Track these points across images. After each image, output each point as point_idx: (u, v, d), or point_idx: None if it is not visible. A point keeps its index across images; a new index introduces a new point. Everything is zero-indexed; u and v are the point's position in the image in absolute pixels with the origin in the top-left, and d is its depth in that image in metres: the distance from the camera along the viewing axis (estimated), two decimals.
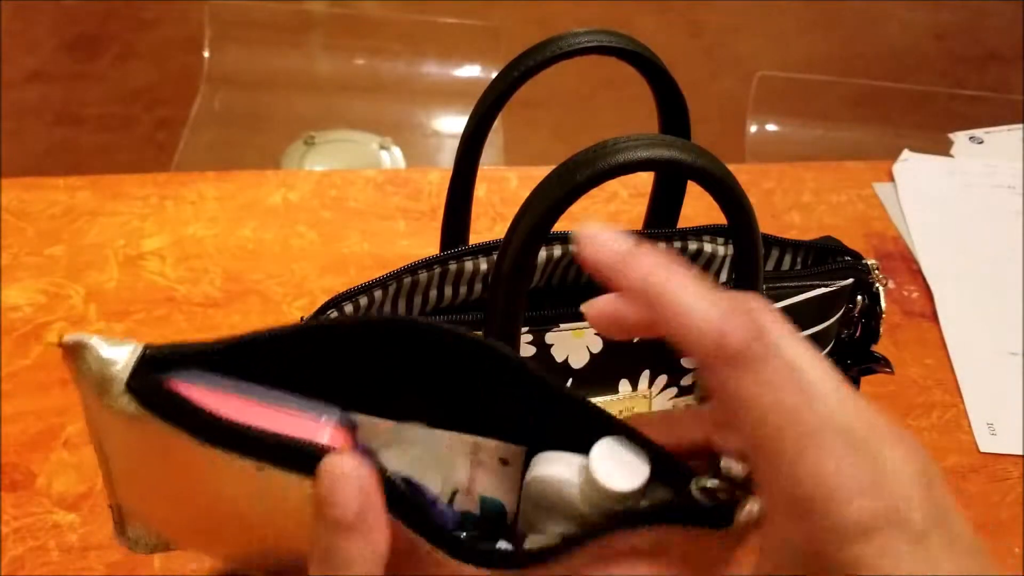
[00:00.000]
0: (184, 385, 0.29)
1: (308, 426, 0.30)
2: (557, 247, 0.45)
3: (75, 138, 1.79)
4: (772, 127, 1.19)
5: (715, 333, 0.25)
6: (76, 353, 0.28)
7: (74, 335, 0.28)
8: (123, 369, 0.28)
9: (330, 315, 0.43)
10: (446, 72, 1.34)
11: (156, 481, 0.31)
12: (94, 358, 0.28)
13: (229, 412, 0.29)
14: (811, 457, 0.24)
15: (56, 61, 1.93)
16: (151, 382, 0.28)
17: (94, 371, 0.28)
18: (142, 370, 0.28)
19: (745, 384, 0.25)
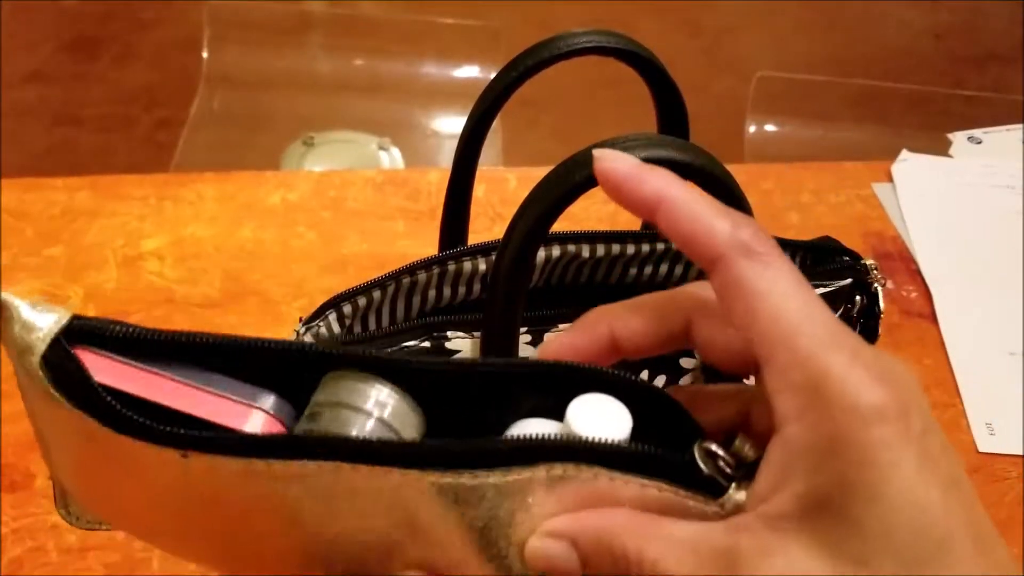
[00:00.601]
0: (96, 360, 0.27)
1: (236, 410, 0.28)
2: (556, 247, 0.45)
3: (74, 138, 1.79)
4: (771, 127, 1.19)
5: (730, 227, 0.26)
6: (3, 313, 0.26)
7: (5, 293, 0.26)
8: (43, 337, 0.26)
9: (328, 316, 0.43)
10: (445, 72, 1.34)
11: (86, 463, 0.29)
12: (18, 322, 0.26)
13: (155, 393, 0.27)
14: (830, 347, 0.24)
15: (55, 62, 1.93)
16: (63, 355, 0.26)
17: (15, 336, 0.26)
18: (60, 343, 0.26)
19: (761, 275, 0.26)
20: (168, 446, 0.26)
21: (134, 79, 1.90)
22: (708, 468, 0.26)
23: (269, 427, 0.28)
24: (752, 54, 2.06)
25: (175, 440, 0.26)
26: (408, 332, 0.41)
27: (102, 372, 0.27)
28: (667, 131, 0.46)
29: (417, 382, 0.28)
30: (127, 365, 0.27)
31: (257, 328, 0.65)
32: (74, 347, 0.27)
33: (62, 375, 0.26)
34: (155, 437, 0.26)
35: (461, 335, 0.42)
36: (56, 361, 0.26)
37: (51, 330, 0.26)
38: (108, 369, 0.27)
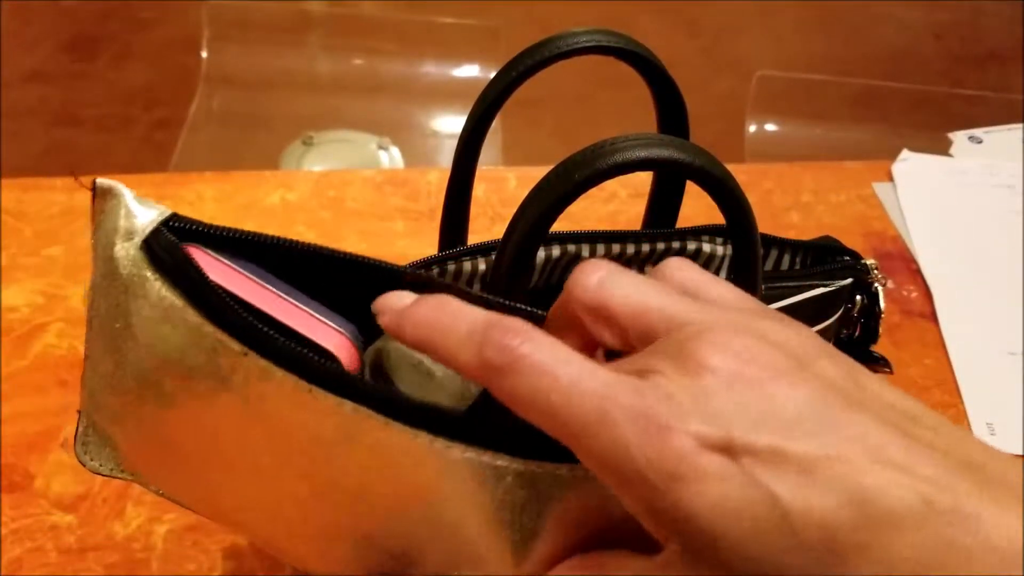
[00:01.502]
0: (203, 257, 0.28)
1: (326, 332, 0.29)
2: (556, 247, 0.45)
3: (73, 138, 1.79)
4: (771, 127, 1.19)
5: (474, 351, 0.25)
6: (104, 197, 0.28)
7: (109, 180, 0.28)
8: (146, 225, 0.27)
9: None
10: (445, 72, 1.34)
11: (137, 379, 0.30)
12: (123, 207, 0.28)
13: (242, 293, 0.28)
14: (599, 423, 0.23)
15: (54, 61, 1.93)
16: (168, 244, 0.27)
17: (119, 221, 0.28)
18: (162, 231, 0.28)
19: (516, 387, 0.25)
20: (235, 337, 0.27)
21: (133, 79, 1.90)
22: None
23: (347, 349, 0.29)
24: (752, 54, 2.06)
25: (244, 332, 0.27)
26: None
27: (201, 263, 0.28)
28: (667, 131, 0.46)
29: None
30: (220, 262, 0.29)
31: None
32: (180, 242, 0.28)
33: (161, 258, 0.27)
34: (229, 323, 0.27)
35: None
36: (156, 245, 0.27)
37: (154, 219, 0.28)
38: (201, 259, 0.28)
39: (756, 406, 0.23)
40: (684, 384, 0.24)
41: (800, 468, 0.22)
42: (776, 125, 1.19)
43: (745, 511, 0.22)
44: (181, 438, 0.31)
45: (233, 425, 0.29)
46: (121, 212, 0.28)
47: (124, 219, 0.28)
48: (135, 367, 0.30)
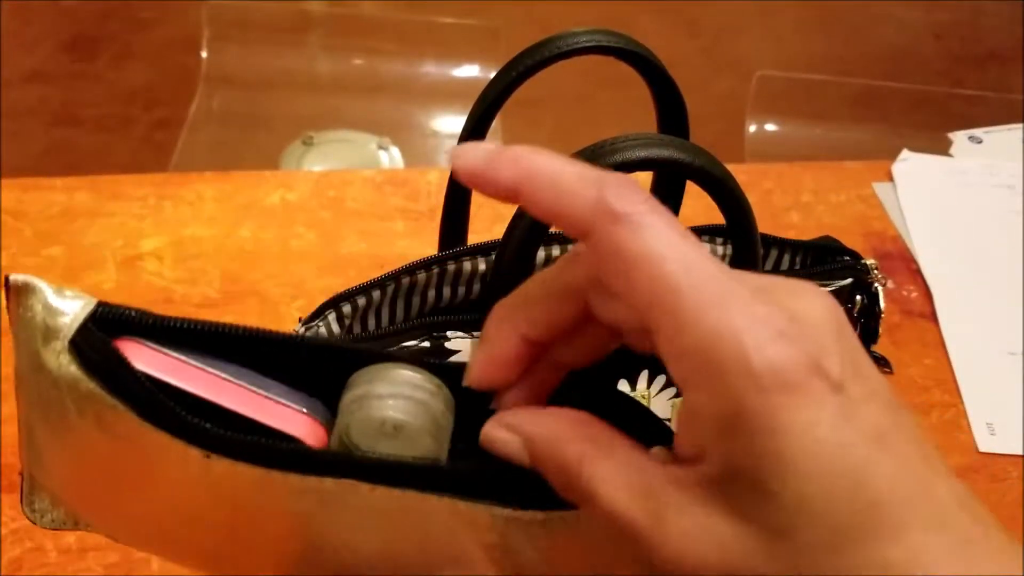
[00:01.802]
0: (136, 349, 0.26)
1: (285, 414, 0.27)
2: (556, 247, 0.45)
3: (73, 138, 1.79)
4: (771, 127, 1.19)
5: (594, 193, 0.24)
6: (22, 295, 0.25)
7: (23, 276, 0.25)
8: (71, 323, 0.25)
9: (328, 316, 0.43)
10: (445, 72, 1.34)
11: (85, 461, 0.28)
12: (41, 304, 0.25)
13: (190, 386, 0.26)
14: (715, 307, 0.22)
15: (54, 61, 1.93)
16: (98, 341, 0.25)
17: (38, 319, 0.25)
18: (90, 328, 0.25)
19: (632, 239, 0.23)
20: (194, 444, 0.25)
21: (133, 79, 1.90)
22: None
23: (311, 429, 0.27)
24: (752, 54, 2.06)
25: (201, 437, 0.25)
26: (408, 332, 0.41)
27: (133, 357, 0.26)
28: (667, 131, 0.46)
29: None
30: (159, 352, 0.27)
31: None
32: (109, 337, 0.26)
33: (91, 359, 0.25)
34: (183, 430, 0.25)
35: (461, 335, 0.42)
36: (85, 345, 0.25)
37: (78, 315, 0.25)
38: (137, 354, 0.26)
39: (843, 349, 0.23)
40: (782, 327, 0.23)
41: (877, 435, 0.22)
42: (776, 125, 1.19)
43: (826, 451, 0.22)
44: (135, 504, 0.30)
45: (197, 502, 0.28)
46: (40, 310, 0.25)
47: (47, 317, 0.25)
48: (81, 453, 0.28)
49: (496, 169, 0.25)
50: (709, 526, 0.23)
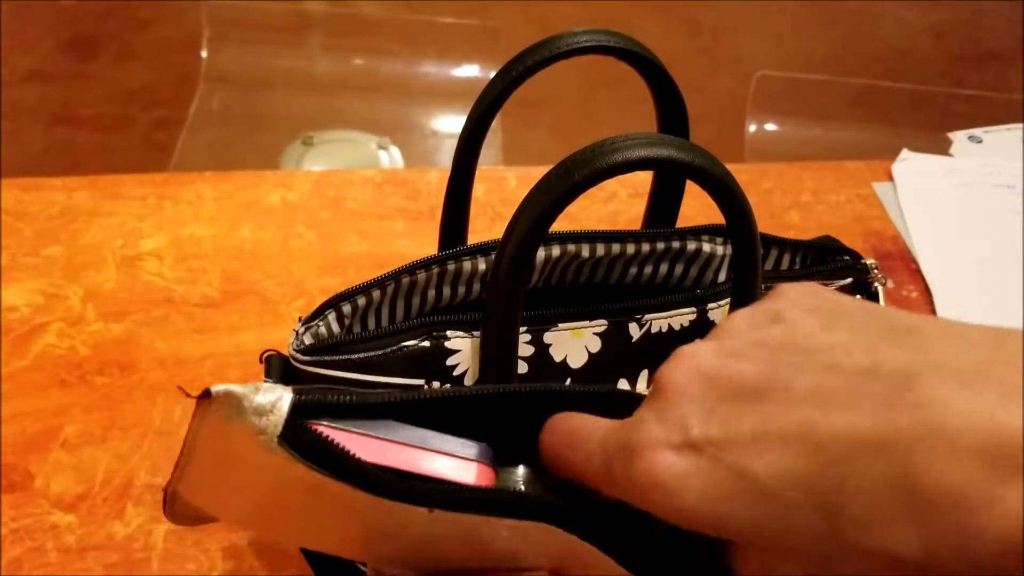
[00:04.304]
0: (335, 432, 0.29)
1: (461, 466, 0.31)
2: (556, 247, 0.45)
3: (73, 138, 1.79)
4: (771, 127, 1.19)
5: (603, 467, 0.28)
6: (222, 403, 0.28)
7: (223, 386, 0.28)
8: (276, 420, 0.28)
9: (328, 316, 0.42)
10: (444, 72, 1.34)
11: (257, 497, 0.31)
12: (244, 408, 0.28)
13: (383, 458, 0.29)
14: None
15: (54, 61, 1.93)
16: (306, 434, 0.28)
17: (243, 420, 0.28)
18: (294, 420, 0.28)
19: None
20: (421, 506, 0.29)
21: (133, 79, 1.90)
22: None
23: (483, 475, 0.31)
24: (752, 53, 2.06)
25: (428, 500, 0.29)
26: (408, 332, 0.41)
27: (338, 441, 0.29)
28: (667, 130, 0.46)
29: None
30: (349, 432, 0.30)
31: (256, 328, 0.65)
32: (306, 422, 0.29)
33: (306, 449, 0.28)
34: (411, 499, 0.29)
35: (461, 335, 0.42)
36: (294, 438, 0.28)
37: (281, 411, 0.28)
38: (339, 438, 0.29)
39: (706, 400, 0.26)
40: (651, 407, 0.27)
41: (754, 437, 0.24)
42: (776, 125, 1.19)
43: (727, 494, 0.24)
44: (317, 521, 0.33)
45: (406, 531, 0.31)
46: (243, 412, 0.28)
47: (253, 419, 0.28)
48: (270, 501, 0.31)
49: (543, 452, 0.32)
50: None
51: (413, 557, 0.33)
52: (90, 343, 0.64)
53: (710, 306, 0.44)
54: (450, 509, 0.29)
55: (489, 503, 0.30)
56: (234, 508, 0.33)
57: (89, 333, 0.65)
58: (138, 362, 0.63)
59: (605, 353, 0.43)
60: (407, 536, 0.31)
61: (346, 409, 0.30)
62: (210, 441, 0.30)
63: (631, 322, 0.43)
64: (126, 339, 0.64)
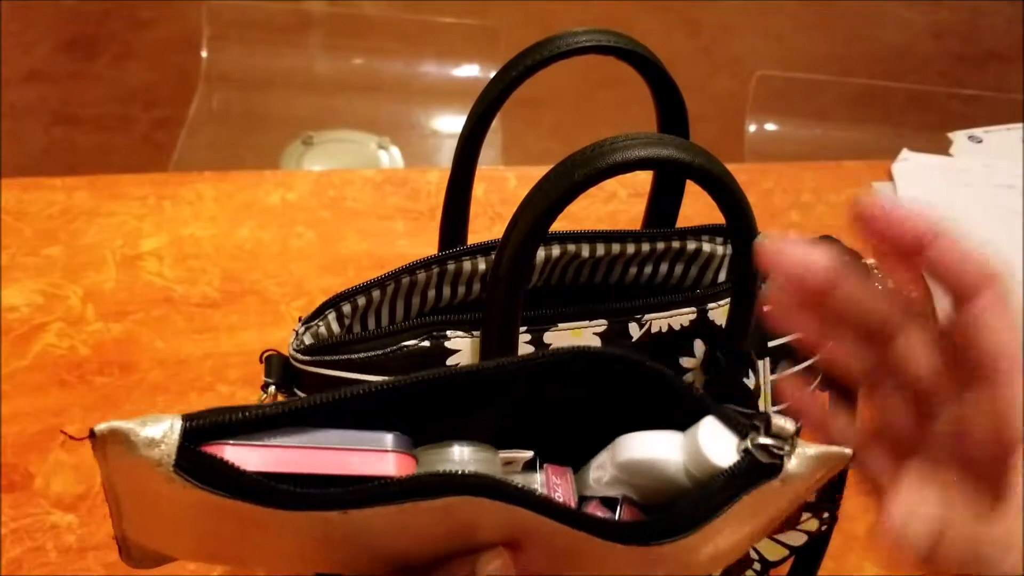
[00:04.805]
0: (223, 450, 0.29)
1: (375, 459, 0.30)
2: (556, 247, 0.44)
3: (73, 138, 1.79)
4: (771, 126, 1.19)
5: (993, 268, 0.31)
6: (111, 440, 0.27)
7: (105, 424, 0.27)
8: (168, 449, 0.27)
9: (328, 316, 0.42)
10: (444, 72, 1.34)
11: (204, 529, 0.31)
12: (133, 443, 0.27)
13: (289, 467, 0.29)
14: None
15: (54, 61, 1.93)
16: (201, 459, 0.28)
17: (136, 455, 0.27)
18: (186, 446, 0.28)
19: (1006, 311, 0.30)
20: (332, 510, 0.28)
21: (133, 78, 1.90)
22: (765, 458, 0.31)
23: (402, 463, 0.31)
24: (752, 53, 2.06)
25: (338, 503, 0.28)
26: (408, 332, 0.41)
27: (236, 459, 0.28)
28: (667, 130, 0.46)
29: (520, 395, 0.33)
30: (241, 446, 0.29)
31: (256, 328, 0.65)
32: (200, 446, 0.28)
33: (203, 473, 0.28)
34: (320, 505, 0.28)
35: (461, 335, 0.42)
36: (189, 465, 0.27)
37: (170, 439, 0.27)
38: (229, 455, 0.28)
39: None
40: None
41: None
42: (776, 125, 1.19)
43: None
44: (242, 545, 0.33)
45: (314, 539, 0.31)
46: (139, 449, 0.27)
47: (145, 452, 0.27)
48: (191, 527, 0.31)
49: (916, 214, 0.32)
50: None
51: (367, 559, 0.32)
52: (90, 343, 0.64)
53: (710, 306, 0.44)
54: (360, 506, 0.28)
55: (392, 491, 0.29)
56: (179, 542, 0.33)
57: (89, 333, 0.64)
58: (138, 362, 0.63)
59: None
60: (343, 540, 0.30)
61: (247, 425, 0.29)
62: (125, 479, 0.29)
63: (631, 322, 0.43)
64: (126, 339, 0.64)
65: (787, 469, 0.31)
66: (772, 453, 0.31)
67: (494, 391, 0.33)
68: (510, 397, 0.33)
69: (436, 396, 0.32)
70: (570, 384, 0.33)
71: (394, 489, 0.29)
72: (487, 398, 0.33)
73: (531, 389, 0.34)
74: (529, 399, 0.34)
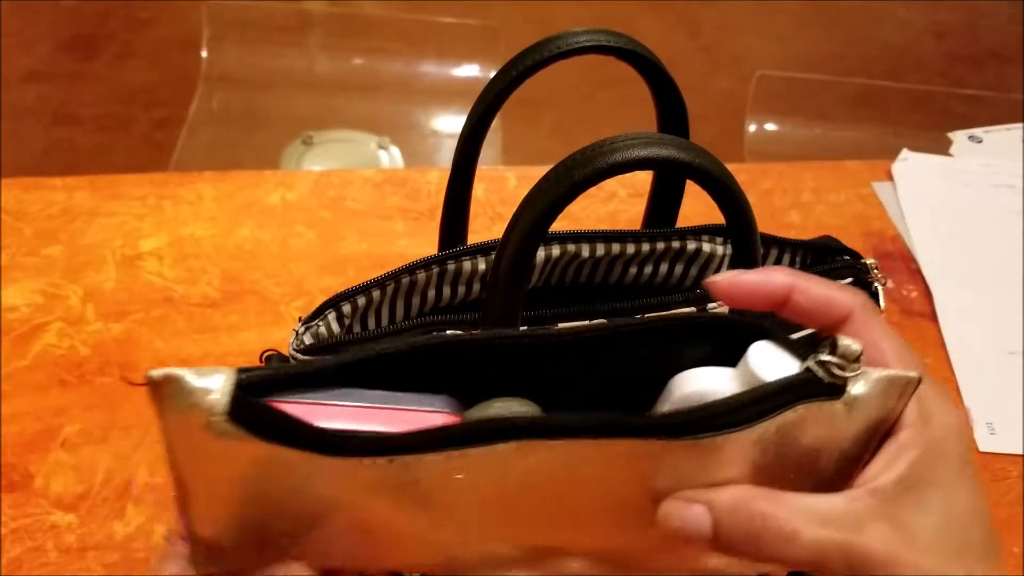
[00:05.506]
0: (287, 404, 0.29)
1: (425, 418, 0.30)
2: (556, 247, 0.45)
3: (73, 138, 1.79)
4: (771, 126, 1.19)
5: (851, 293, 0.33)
6: (166, 388, 0.27)
7: (161, 370, 0.27)
8: (221, 397, 0.27)
9: (328, 316, 0.42)
10: (445, 72, 1.34)
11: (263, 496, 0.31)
12: (187, 390, 0.27)
13: (341, 422, 0.29)
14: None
15: (54, 61, 1.93)
16: (254, 407, 0.28)
17: (189, 403, 0.27)
18: (240, 397, 0.28)
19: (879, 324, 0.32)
20: (378, 455, 0.28)
21: (133, 78, 1.90)
22: (827, 376, 0.30)
23: (450, 423, 0.30)
24: (752, 53, 2.06)
25: (386, 447, 0.28)
26: (408, 332, 0.41)
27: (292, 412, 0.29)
28: (667, 130, 0.46)
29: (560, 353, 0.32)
30: (298, 404, 0.29)
31: (256, 328, 0.65)
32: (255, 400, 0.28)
33: (257, 422, 0.28)
34: (368, 449, 0.28)
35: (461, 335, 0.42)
36: (242, 414, 0.27)
37: (224, 389, 0.27)
38: (292, 410, 0.29)
39: None
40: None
41: None
42: (776, 125, 1.19)
43: None
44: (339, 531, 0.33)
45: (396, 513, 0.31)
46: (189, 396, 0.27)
47: (197, 399, 0.27)
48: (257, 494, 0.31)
49: (769, 277, 0.33)
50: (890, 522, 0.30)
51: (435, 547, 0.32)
52: (90, 343, 0.64)
53: (710, 306, 0.44)
54: (412, 452, 0.28)
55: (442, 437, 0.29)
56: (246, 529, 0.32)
57: (89, 333, 0.65)
58: (138, 362, 0.63)
59: None
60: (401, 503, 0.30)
61: (300, 379, 0.29)
62: (182, 443, 0.29)
63: None
64: (126, 339, 0.64)
65: (851, 391, 0.30)
66: (833, 373, 0.30)
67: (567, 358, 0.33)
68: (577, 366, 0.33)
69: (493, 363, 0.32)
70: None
71: (438, 435, 0.28)
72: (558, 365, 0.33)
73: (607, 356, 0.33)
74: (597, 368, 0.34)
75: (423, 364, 0.31)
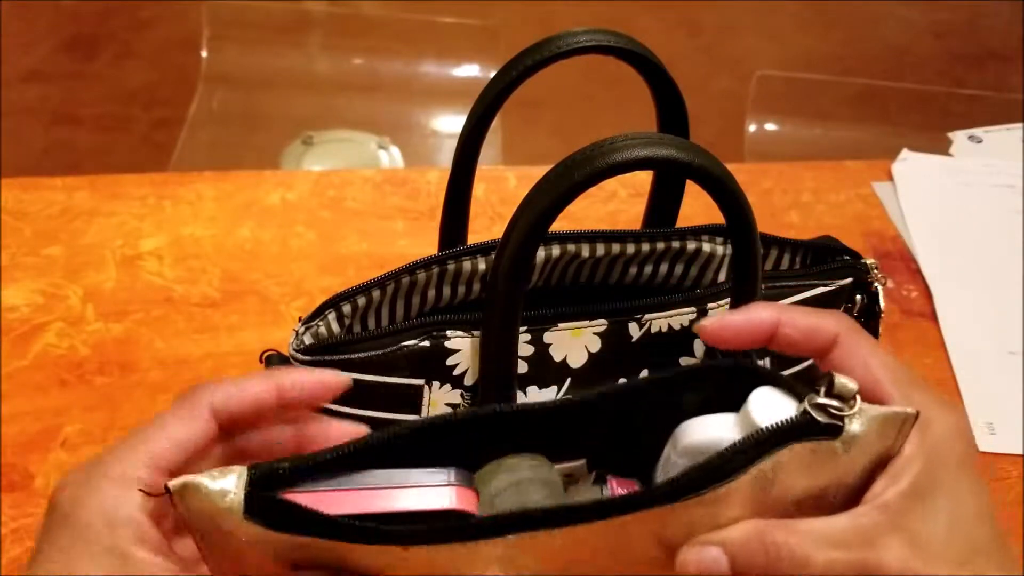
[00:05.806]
0: (300, 495, 0.30)
1: (437, 494, 0.31)
2: (556, 247, 0.45)
3: (73, 138, 1.79)
4: (771, 126, 1.19)
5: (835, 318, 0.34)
6: (185, 495, 0.29)
7: (178, 479, 0.29)
8: (236, 497, 0.29)
9: (328, 316, 0.42)
10: (445, 72, 1.34)
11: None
12: (204, 495, 0.29)
13: (351, 507, 0.30)
14: (914, 387, 0.33)
15: (54, 61, 1.93)
16: (269, 503, 0.29)
17: (208, 507, 0.29)
18: (254, 494, 0.29)
19: (865, 345, 0.34)
20: (392, 544, 0.29)
21: (133, 78, 1.90)
22: (824, 418, 0.30)
23: (463, 497, 0.31)
24: (752, 53, 2.06)
25: (399, 539, 0.29)
26: (408, 332, 0.41)
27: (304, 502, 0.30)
28: (667, 130, 0.46)
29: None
30: (311, 492, 0.30)
31: (256, 328, 0.65)
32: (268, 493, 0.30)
33: (272, 518, 0.29)
34: (382, 539, 0.29)
35: (461, 334, 0.42)
36: (259, 511, 0.29)
37: (239, 488, 0.29)
38: (304, 500, 0.30)
39: None
40: None
41: None
42: (776, 125, 1.19)
43: None
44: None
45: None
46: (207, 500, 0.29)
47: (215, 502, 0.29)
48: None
49: (754, 315, 0.34)
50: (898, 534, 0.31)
51: None
52: (90, 343, 0.64)
53: (710, 306, 0.44)
54: (425, 543, 0.29)
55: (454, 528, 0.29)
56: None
57: (89, 333, 0.65)
58: (138, 362, 0.63)
59: (605, 353, 0.43)
60: None
61: (307, 470, 0.30)
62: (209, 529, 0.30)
63: (631, 322, 0.43)
64: (126, 339, 0.64)
65: (849, 430, 0.30)
66: (831, 413, 0.30)
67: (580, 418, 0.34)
68: (597, 421, 0.34)
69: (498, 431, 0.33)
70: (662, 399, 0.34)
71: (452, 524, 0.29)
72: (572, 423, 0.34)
73: (619, 414, 0.34)
74: (601, 420, 0.34)
75: (428, 439, 0.32)
